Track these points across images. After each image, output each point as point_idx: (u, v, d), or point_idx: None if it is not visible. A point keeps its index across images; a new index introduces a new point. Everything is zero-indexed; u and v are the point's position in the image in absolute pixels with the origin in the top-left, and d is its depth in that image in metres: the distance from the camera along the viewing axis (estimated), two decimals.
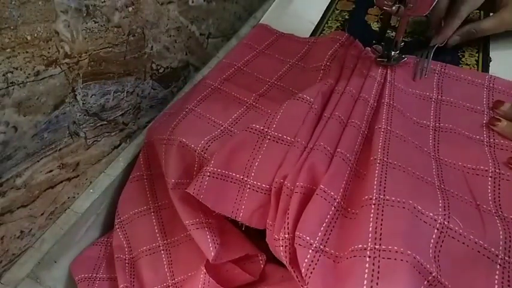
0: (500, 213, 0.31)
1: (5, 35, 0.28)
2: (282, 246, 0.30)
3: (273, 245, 0.32)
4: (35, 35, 0.31)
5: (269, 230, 0.32)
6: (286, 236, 0.30)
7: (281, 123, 0.37)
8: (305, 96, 0.39)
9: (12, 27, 0.29)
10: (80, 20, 0.34)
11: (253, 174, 0.34)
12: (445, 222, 0.29)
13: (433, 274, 0.26)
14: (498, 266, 0.28)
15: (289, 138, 0.36)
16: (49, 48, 0.32)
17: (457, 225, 0.29)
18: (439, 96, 0.42)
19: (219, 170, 0.34)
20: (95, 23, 0.36)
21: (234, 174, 0.35)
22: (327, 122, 0.37)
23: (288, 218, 0.30)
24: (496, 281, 0.28)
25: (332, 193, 0.31)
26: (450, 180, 0.34)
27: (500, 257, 0.28)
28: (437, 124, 0.39)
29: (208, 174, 0.34)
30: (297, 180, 0.31)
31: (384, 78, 0.43)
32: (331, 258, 0.29)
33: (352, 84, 0.41)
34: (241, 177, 0.35)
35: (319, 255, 0.29)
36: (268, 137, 0.36)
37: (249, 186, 0.34)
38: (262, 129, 0.37)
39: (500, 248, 0.29)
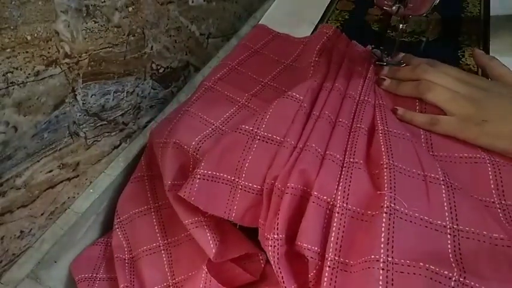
0: (447, 180, 0.32)
1: (5, 35, 0.29)
2: (271, 246, 0.30)
3: (263, 244, 0.33)
4: (35, 35, 0.31)
5: (261, 229, 0.33)
6: (275, 236, 0.30)
7: (270, 123, 0.37)
8: (294, 94, 0.39)
9: (12, 27, 0.29)
10: (80, 20, 0.34)
11: (244, 175, 0.34)
12: (392, 205, 0.30)
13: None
14: (448, 236, 0.29)
15: (278, 138, 0.36)
16: (49, 48, 0.32)
17: (402, 206, 0.29)
18: None
19: (209, 172, 0.35)
20: (95, 23, 0.36)
21: (225, 175, 0.35)
22: (316, 121, 0.37)
23: (278, 219, 0.30)
24: (449, 250, 0.28)
25: (325, 197, 0.31)
26: (399, 151, 0.34)
27: (448, 226, 0.29)
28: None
29: (198, 176, 0.34)
30: (287, 181, 0.32)
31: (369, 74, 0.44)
32: (339, 265, 0.29)
33: (340, 81, 0.42)
34: (233, 178, 0.35)
35: (325, 263, 0.29)
36: (258, 137, 0.36)
37: (240, 187, 0.34)
38: (252, 130, 0.37)
39: (447, 218, 0.30)
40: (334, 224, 0.30)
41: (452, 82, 0.39)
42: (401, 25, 0.42)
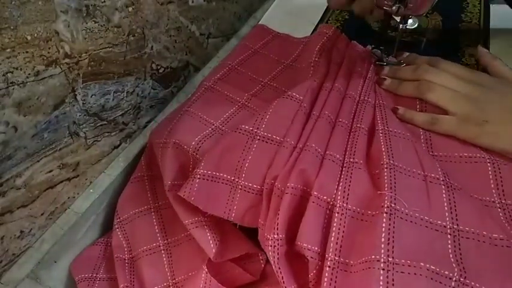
0: (447, 180, 0.32)
1: (5, 35, 0.29)
2: (271, 246, 0.30)
3: (263, 244, 0.33)
4: (35, 35, 0.31)
5: (261, 229, 0.33)
6: (275, 236, 0.30)
7: (270, 123, 0.37)
8: (294, 94, 0.39)
9: (12, 27, 0.29)
10: (80, 20, 0.34)
11: (244, 175, 0.34)
12: (392, 205, 0.29)
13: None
14: (449, 236, 0.29)
15: (278, 138, 0.36)
16: (49, 48, 0.32)
17: (402, 206, 0.30)
18: None
19: (209, 172, 0.35)
20: (95, 23, 0.36)
21: (224, 175, 0.35)
22: (316, 121, 0.37)
23: (278, 219, 0.30)
24: (449, 251, 0.28)
25: (325, 197, 0.31)
26: (399, 151, 0.34)
27: (448, 226, 0.29)
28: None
29: (198, 176, 0.34)
30: (287, 181, 0.32)
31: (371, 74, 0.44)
32: (339, 265, 0.29)
33: (340, 81, 0.42)
34: (232, 178, 0.35)
35: (326, 263, 0.29)
36: (258, 137, 0.36)
37: (240, 187, 0.34)
38: (252, 130, 0.37)
39: (447, 218, 0.30)
40: (334, 224, 0.30)
41: (453, 81, 0.38)
42: (401, 25, 0.42)
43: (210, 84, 0.46)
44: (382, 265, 0.26)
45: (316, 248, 0.30)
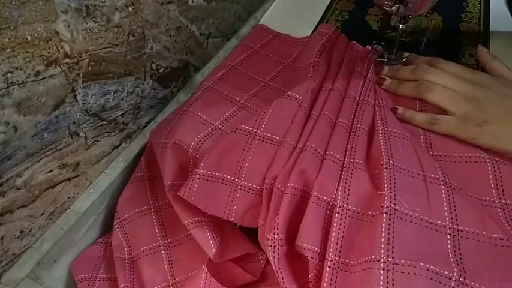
0: (447, 180, 0.32)
1: (5, 35, 0.28)
2: (271, 246, 0.30)
3: (263, 244, 0.33)
4: (35, 35, 0.31)
5: (261, 230, 0.33)
6: (276, 236, 0.30)
7: (270, 123, 0.37)
8: (294, 94, 0.39)
9: (12, 27, 0.29)
10: (80, 20, 0.34)
11: (243, 175, 0.34)
12: (392, 205, 0.29)
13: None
14: (448, 236, 0.29)
15: (278, 138, 0.36)
16: (49, 48, 0.32)
17: (402, 206, 0.30)
18: None
19: (209, 172, 0.35)
20: (95, 23, 0.36)
21: (224, 175, 0.35)
22: (316, 122, 0.37)
23: (278, 219, 0.30)
24: (449, 251, 0.28)
25: (325, 197, 0.31)
26: (399, 152, 0.34)
27: (448, 226, 0.30)
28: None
29: (198, 176, 0.34)
30: (287, 181, 0.32)
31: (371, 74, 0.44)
32: (339, 266, 0.29)
33: (339, 81, 0.42)
34: (232, 178, 0.35)
35: (326, 263, 0.29)
36: (258, 137, 0.36)
37: (240, 187, 0.34)
38: (251, 130, 0.37)
39: (447, 218, 0.30)
40: (334, 224, 0.30)
41: (452, 81, 0.38)
42: (401, 25, 0.42)
43: (210, 84, 0.46)
44: (382, 265, 0.26)
45: (316, 248, 0.30)
